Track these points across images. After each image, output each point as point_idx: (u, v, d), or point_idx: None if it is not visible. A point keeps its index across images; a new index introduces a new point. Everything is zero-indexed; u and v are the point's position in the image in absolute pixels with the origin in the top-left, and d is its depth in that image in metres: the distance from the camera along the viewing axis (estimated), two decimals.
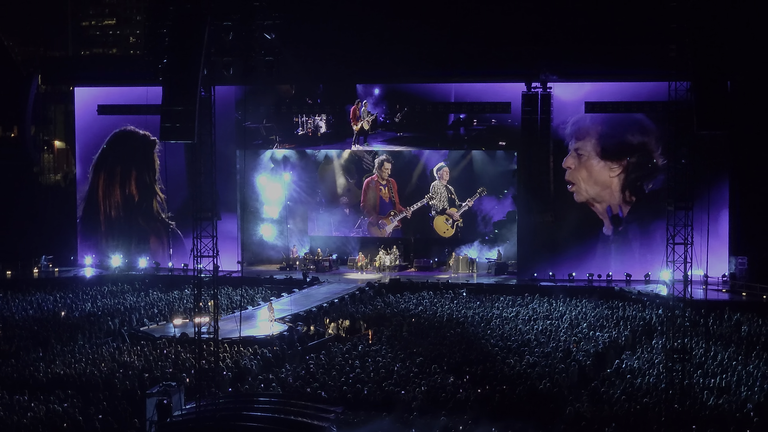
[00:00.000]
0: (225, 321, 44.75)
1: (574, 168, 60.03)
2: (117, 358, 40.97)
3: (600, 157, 59.73)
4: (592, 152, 59.78)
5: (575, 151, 59.85)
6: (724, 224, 57.88)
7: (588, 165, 59.96)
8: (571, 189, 60.08)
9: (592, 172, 60.03)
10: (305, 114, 64.43)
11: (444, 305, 51.98)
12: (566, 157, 59.93)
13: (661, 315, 46.58)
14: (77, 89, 67.13)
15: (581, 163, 59.97)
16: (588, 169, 60.03)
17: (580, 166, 60.03)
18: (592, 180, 60.07)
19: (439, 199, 65.86)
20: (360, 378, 37.34)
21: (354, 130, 64.54)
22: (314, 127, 65.16)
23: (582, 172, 60.09)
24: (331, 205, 67.41)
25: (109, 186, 66.68)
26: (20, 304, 53.10)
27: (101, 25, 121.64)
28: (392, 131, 63.98)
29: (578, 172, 60.08)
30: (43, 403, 34.98)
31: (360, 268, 64.45)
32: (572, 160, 59.95)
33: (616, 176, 59.72)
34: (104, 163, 66.60)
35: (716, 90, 34.72)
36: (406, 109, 62.36)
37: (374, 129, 64.06)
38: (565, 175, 60.09)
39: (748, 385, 36.03)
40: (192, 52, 35.36)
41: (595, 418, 32.70)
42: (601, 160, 59.78)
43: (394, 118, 62.87)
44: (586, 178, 60.08)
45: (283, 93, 64.22)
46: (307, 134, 64.96)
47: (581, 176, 60.08)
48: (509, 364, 38.93)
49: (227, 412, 35.11)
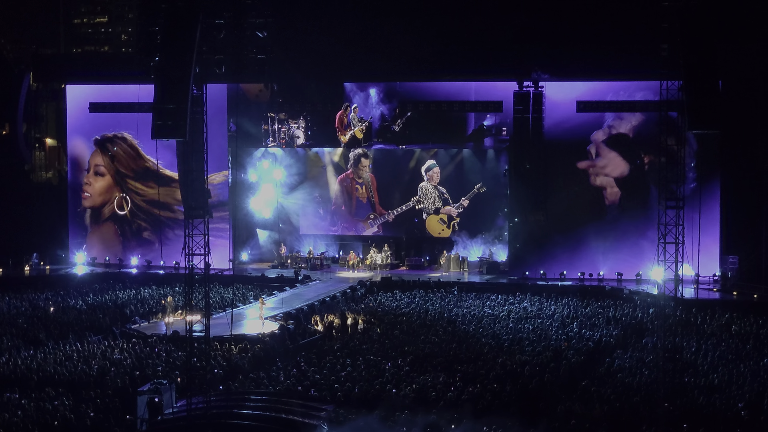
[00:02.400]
0: (216, 319, 44.72)
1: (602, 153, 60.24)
2: (108, 355, 40.92)
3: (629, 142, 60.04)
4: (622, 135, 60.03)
5: (608, 127, 60.02)
6: (715, 224, 57.94)
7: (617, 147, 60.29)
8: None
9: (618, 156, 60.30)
10: (279, 120, 64.40)
11: (435, 304, 52.02)
12: (597, 131, 60.01)
13: (652, 314, 46.65)
14: (69, 87, 67.04)
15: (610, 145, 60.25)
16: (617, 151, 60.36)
17: (610, 149, 60.24)
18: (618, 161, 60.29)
19: (430, 201, 65.62)
20: (351, 376, 37.36)
21: (341, 140, 64.30)
22: (289, 137, 65.00)
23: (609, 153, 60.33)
24: (322, 204, 67.33)
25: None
26: (11, 302, 52.99)
27: (93, 22, 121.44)
28: (392, 143, 63.91)
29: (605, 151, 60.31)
30: (34, 401, 34.94)
31: (351, 266, 64.45)
32: (602, 134, 60.11)
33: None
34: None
35: (707, 89, 34.77)
36: (409, 114, 62.19)
37: (368, 139, 63.70)
38: (589, 147, 60.16)
39: (739, 384, 36.13)
40: (184, 50, 35.32)
41: (586, 417, 32.74)
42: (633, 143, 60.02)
43: (394, 126, 62.75)
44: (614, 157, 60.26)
45: (254, 96, 63.95)
46: (279, 145, 64.88)
47: (610, 156, 60.25)
48: (500, 363, 38.96)
49: (218, 409, 35.13)
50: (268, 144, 65.52)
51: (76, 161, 67.06)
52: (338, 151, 66.24)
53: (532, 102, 58.19)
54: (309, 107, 64.39)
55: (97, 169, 66.93)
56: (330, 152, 66.47)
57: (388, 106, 63.41)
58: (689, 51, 35.01)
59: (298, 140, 64.85)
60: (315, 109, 64.51)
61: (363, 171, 65.84)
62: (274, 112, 65.20)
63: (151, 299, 53.30)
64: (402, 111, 62.81)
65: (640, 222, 58.29)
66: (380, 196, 66.37)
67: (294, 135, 64.75)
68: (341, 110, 63.78)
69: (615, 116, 59.57)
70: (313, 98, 63.74)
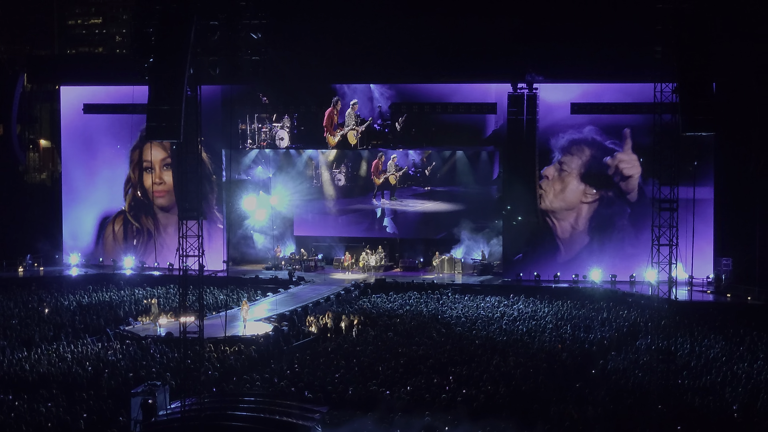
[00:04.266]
0: (210, 320, 44.70)
1: (551, 179, 60.25)
2: (102, 357, 40.88)
3: (580, 179, 60.14)
4: (575, 172, 60.10)
5: (559, 163, 60.07)
6: (709, 226, 58.01)
7: (566, 181, 60.25)
8: (539, 192, 60.41)
9: (566, 190, 60.32)
10: (259, 120, 64.38)
11: (429, 305, 52.04)
12: (548, 167, 60.13)
13: (646, 316, 46.71)
14: (63, 88, 67.02)
15: (560, 177, 60.20)
16: (563, 185, 60.31)
17: (558, 179, 60.28)
18: (562, 195, 60.34)
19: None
20: (345, 378, 37.36)
21: (329, 143, 64.05)
22: (271, 139, 64.76)
23: (556, 185, 60.33)
24: (317, 205, 67.30)
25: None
26: (5, 303, 52.90)
27: (87, 24, 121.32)
28: (389, 146, 64.10)
29: (553, 183, 60.35)
30: (28, 402, 34.88)
31: (346, 268, 64.44)
32: (553, 171, 60.15)
33: (588, 203, 60.12)
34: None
35: (701, 91, 34.83)
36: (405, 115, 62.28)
37: (365, 142, 63.56)
38: (540, 181, 60.38)
39: (733, 386, 36.16)
40: (178, 51, 35.28)
41: (580, 419, 32.75)
42: (581, 182, 60.18)
43: (395, 124, 62.68)
44: (558, 192, 60.31)
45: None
46: (259, 146, 64.69)
47: (554, 187, 60.37)
48: (494, 365, 38.97)
49: (212, 411, 35.06)
50: (247, 146, 65.03)
51: (67, 163, 66.93)
52: (332, 153, 66.08)
53: (526, 104, 58.25)
54: (301, 108, 63.77)
55: (165, 162, 66.31)
56: (324, 153, 66.31)
57: (382, 108, 63.14)
58: (683, 53, 35.07)
59: (282, 142, 64.42)
60: (309, 110, 64.05)
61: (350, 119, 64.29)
62: (256, 112, 64.75)
63: (144, 300, 53.27)
64: (396, 113, 62.57)
65: (633, 224, 58.42)
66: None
67: (278, 136, 64.31)
68: (330, 107, 63.41)
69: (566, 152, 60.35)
70: (306, 99, 63.36)
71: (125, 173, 66.60)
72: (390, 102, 62.51)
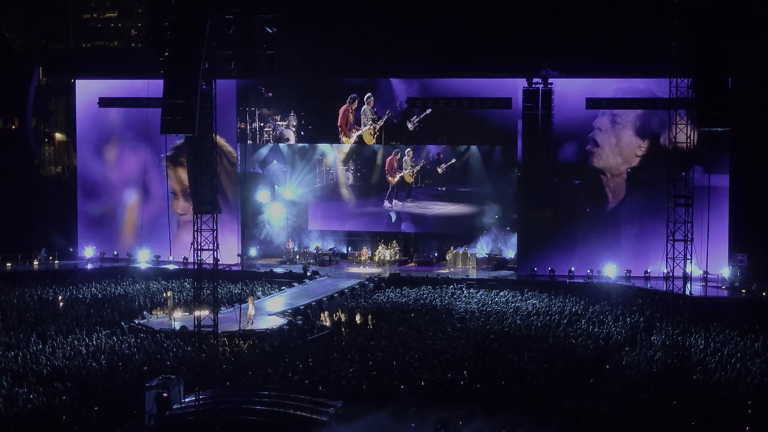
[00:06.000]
0: (224, 314, 44.76)
1: (604, 131, 59.95)
2: (117, 350, 41.02)
3: (634, 131, 59.72)
4: (629, 123, 59.69)
5: (612, 114, 59.80)
6: (724, 221, 57.79)
7: (619, 133, 59.92)
8: (592, 149, 59.93)
9: (621, 142, 59.92)
10: (261, 117, 64.15)
11: (444, 300, 52.03)
12: (600, 117, 59.76)
13: (660, 311, 46.61)
14: (78, 82, 67.11)
15: (613, 129, 59.89)
16: (617, 137, 59.95)
17: (612, 132, 59.97)
18: (618, 149, 60.04)
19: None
20: (359, 372, 37.39)
21: (343, 141, 63.95)
22: (275, 140, 64.63)
23: (611, 138, 60.00)
24: (331, 199, 67.25)
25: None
26: (20, 296, 53.10)
27: (103, 17, 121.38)
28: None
29: (607, 136, 60.02)
30: (43, 395, 35.03)
31: (360, 262, 64.41)
32: (606, 121, 59.86)
33: (641, 156, 59.77)
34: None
35: (717, 87, 34.78)
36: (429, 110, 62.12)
37: (382, 140, 63.28)
38: (592, 134, 59.87)
39: (746, 382, 36.09)
40: (193, 45, 35.42)
41: (593, 415, 32.74)
42: (635, 135, 59.72)
43: (410, 124, 62.48)
44: (613, 145, 59.92)
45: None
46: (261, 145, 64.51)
47: (609, 141, 60.04)
48: (508, 360, 38.96)
49: (226, 405, 35.17)
50: (263, 140, 65.00)
51: (82, 157, 67.03)
52: (345, 147, 65.96)
53: (541, 99, 58.13)
54: (316, 103, 63.72)
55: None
56: (337, 146, 66.18)
57: (401, 102, 63.00)
58: (699, 48, 34.99)
59: (288, 142, 64.51)
60: (324, 104, 63.97)
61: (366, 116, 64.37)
62: (258, 108, 64.67)
63: (159, 294, 53.40)
64: (411, 108, 62.52)
65: (649, 219, 58.19)
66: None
67: (283, 135, 64.30)
68: (346, 104, 63.41)
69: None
70: (321, 94, 63.29)
71: (140, 166, 66.21)
72: (407, 96, 62.46)
